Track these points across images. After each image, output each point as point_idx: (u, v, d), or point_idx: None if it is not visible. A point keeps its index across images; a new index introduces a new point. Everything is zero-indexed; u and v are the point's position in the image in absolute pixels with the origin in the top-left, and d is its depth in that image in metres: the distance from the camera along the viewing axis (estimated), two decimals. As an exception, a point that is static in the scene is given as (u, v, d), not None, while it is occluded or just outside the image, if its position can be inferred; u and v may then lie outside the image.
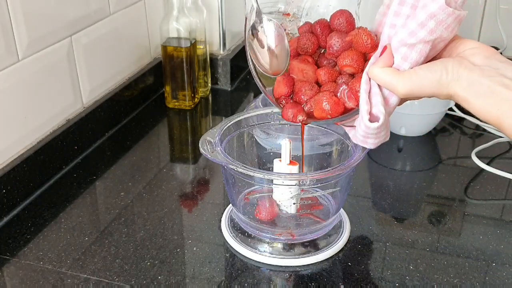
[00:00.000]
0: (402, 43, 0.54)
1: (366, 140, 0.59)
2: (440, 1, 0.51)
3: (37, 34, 0.86)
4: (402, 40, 0.53)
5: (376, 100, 0.57)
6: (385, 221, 0.83)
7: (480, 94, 0.51)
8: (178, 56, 1.11)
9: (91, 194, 0.89)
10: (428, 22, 0.52)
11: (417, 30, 0.52)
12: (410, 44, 0.53)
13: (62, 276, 0.71)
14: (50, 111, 0.91)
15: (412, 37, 0.53)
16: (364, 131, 0.58)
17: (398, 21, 0.54)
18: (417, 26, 0.52)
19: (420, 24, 0.52)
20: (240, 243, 0.76)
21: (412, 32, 0.53)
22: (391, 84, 0.54)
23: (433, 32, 0.52)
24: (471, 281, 0.70)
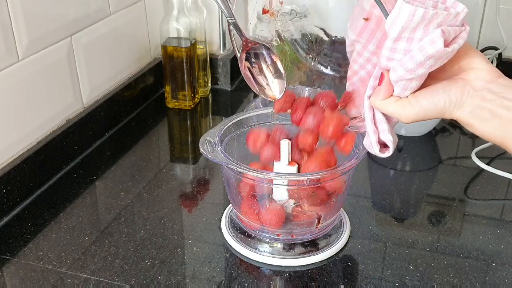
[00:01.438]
0: (401, 78, 0.54)
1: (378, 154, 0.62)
2: (438, 45, 0.51)
3: (37, 34, 0.86)
4: (401, 76, 0.54)
5: (382, 128, 0.59)
6: (385, 221, 0.83)
7: (482, 119, 0.52)
8: (178, 56, 1.11)
9: (91, 194, 0.89)
10: (426, 61, 0.52)
11: (416, 68, 0.53)
12: (410, 72, 0.53)
13: (62, 276, 0.71)
14: (50, 111, 0.91)
15: (411, 74, 0.53)
16: (375, 153, 0.61)
17: (395, 56, 0.54)
18: (416, 65, 0.52)
19: (419, 64, 0.52)
20: (240, 243, 0.76)
21: (410, 70, 0.53)
22: (395, 114, 0.56)
23: (433, 66, 0.53)
24: (471, 281, 0.70)
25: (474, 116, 0.52)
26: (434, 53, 0.51)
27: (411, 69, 0.52)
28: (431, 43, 0.51)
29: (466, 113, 0.53)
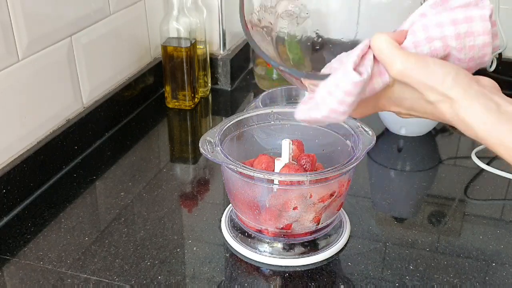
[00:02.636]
0: (423, 28, 0.49)
1: (322, 103, 0.51)
2: (484, 10, 0.48)
3: (37, 34, 0.86)
4: (426, 26, 0.49)
5: (367, 62, 0.51)
6: (385, 221, 0.83)
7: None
8: (178, 56, 1.11)
9: (91, 194, 0.89)
10: (461, 23, 0.48)
11: (446, 24, 0.48)
12: (429, 36, 0.49)
13: (62, 276, 0.71)
14: (50, 111, 0.91)
15: (437, 29, 0.49)
16: (333, 84, 0.49)
17: (431, 11, 0.50)
18: (449, 21, 0.48)
19: (453, 21, 0.48)
20: (240, 243, 0.76)
21: (440, 24, 0.48)
22: (389, 56, 0.48)
23: (459, 38, 0.49)
24: (471, 281, 0.70)
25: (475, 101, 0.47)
26: (475, 15, 0.48)
27: (441, 22, 0.48)
28: (477, 5, 0.48)
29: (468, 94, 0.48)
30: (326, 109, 0.50)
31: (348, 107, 0.49)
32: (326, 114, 0.50)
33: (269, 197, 0.71)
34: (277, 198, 0.71)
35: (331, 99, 0.49)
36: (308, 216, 0.72)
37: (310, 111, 0.51)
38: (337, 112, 0.50)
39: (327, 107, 0.50)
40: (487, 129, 0.48)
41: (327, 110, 0.50)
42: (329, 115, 0.50)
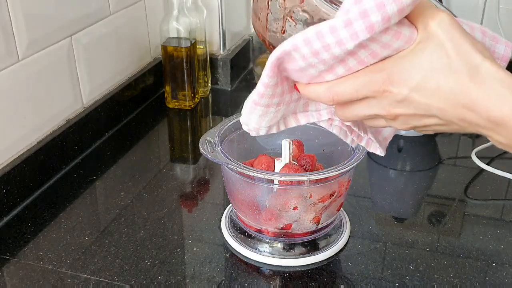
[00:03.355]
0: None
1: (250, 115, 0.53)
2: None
3: (37, 34, 0.86)
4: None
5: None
6: (385, 221, 0.83)
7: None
8: (178, 56, 1.11)
9: (91, 194, 0.89)
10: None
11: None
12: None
13: (62, 276, 0.71)
14: (50, 111, 0.91)
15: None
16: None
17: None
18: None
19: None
20: (240, 243, 0.76)
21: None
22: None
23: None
24: (471, 281, 0.70)
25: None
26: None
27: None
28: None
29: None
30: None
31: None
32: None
33: (269, 197, 0.71)
34: (277, 198, 0.71)
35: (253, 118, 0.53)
36: (308, 216, 0.72)
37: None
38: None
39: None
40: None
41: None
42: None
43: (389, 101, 0.46)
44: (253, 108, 0.52)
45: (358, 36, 0.43)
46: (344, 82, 0.47)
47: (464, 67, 0.43)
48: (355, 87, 0.47)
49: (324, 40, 0.44)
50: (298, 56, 0.46)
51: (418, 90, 0.44)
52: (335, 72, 0.47)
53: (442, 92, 0.44)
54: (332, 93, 0.48)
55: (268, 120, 0.53)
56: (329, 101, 0.48)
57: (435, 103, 0.44)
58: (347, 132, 0.57)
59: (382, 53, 0.45)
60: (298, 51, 0.45)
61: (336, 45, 0.44)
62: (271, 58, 0.47)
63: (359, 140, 0.58)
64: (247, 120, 0.54)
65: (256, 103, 0.51)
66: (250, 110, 0.52)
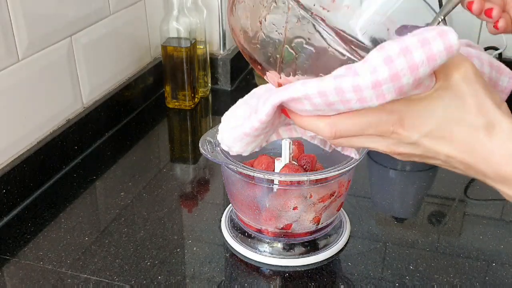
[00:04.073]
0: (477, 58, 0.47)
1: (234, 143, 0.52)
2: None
3: (37, 34, 0.86)
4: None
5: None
6: (385, 221, 0.83)
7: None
8: (178, 56, 1.11)
9: (91, 194, 0.89)
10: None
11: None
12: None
13: (62, 276, 0.71)
14: (50, 111, 0.91)
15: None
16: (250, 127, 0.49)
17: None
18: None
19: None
20: (240, 243, 0.76)
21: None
22: (460, 55, 0.43)
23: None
24: (471, 281, 0.70)
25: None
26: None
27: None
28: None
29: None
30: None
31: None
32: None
33: (269, 197, 0.71)
34: (277, 198, 0.71)
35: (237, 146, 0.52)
36: (308, 216, 0.72)
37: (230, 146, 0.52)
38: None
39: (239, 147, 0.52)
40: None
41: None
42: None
43: (396, 142, 0.45)
44: (241, 138, 0.50)
45: (385, 97, 0.40)
46: (349, 119, 0.44)
47: (483, 124, 0.42)
48: (362, 126, 0.44)
49: (344, 96, 0.41)
50: (307, 103, 0.43)
51: (430, 137, 0.43)
52: (337, 109, 0.44)
53: (455, 142, 0.43)
54: (335, 130, 0.45)
55: (254, 145, 0.52)
56: (330, 136, 0.45)
57: (445, 151, 0.43)
58: (327, 142, 0.56)
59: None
60: (309, 100, 0.42)
61: (357, 102, 0.41)
62: (274, 99, 0.44)
63: (336, 146, 0.57)
64: (231, 145, 0.51)
65: (247, 135, 0.49)
66: (238, 139, 0.50)
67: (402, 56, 0.39)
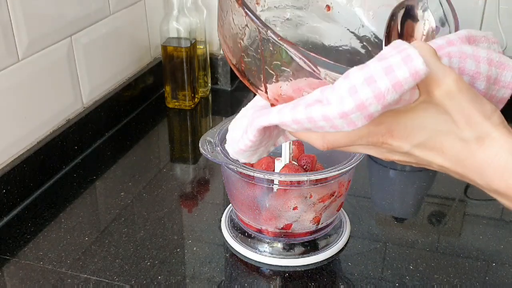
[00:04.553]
0: (460, 55, 0.45)
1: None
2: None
3: (37, 34, 0.86)
4: (463, 53, 0.45)
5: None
6: (385, 221, 0.83)
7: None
8: (178, 56, 1.11)
9: (91, 194, 0.89)
10: (495, 67, 0.45)
11: (482, 61, 0.45)
12: (462, 67, 0.44)
13: (62, 276, 0.71)
14: (50, 111, 0.91)
15: (473, 62, 0.44)
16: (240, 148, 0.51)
17: (459, 42, 0.46)
18: (486, 59, 0.44)
19: (489, 60, 0.44)
20: (240, 243, 0.76)
21: (477, 58, 0.45)
22: (439, 69, 0.41)
23: (489, 81, 0.45)
24: (471, 281, 0.70)
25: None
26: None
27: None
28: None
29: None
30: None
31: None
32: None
33: (269, 197, 0.71)
34: (277, 198, 0.71)
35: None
36: (308, 216, 0.72)
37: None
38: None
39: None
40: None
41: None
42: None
43: (388, 151, 0.45)
44: (241, 152, 0.50)
45: (356, 124, 0.40)
46: (339, 132, 0.44)
47: (473, 136, 0.41)
48: (352, 138, 0.44)
49: (316, 124, 0.41)
50: (288, 127, 0.44)
51: (421, 148, 0.43)
52: None
53: (447, 154, 0.42)
54: (326, 142, 0.45)
55: (258, 156, 0.52)
56: (321, 147, 0.45)
57: (438, 161, 0.43)
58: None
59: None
60: (287, 127, 0.43)
61: (330, 128, 0.41)
62: (256, 124, 0.45)
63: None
64: (236, 156, 0.52)
65: (244, 150, 0.50)
66: (239, 152, 0.51)
67: (366, 85, 0.38)
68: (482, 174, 0.42)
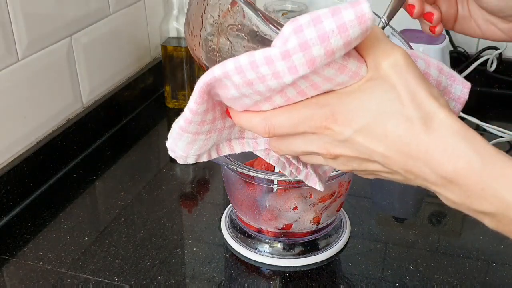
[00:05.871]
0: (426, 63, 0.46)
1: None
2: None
3: (36, 34, 0.86)
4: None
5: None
6: (385, 221, 0.83)
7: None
8: (178, 56, 1.11)
9: (91, 194, 0.89)
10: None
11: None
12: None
13: (62, 276, 0.71)
14: (50, 111, 0.91)
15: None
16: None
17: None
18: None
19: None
20: (240, 243, 0.76)
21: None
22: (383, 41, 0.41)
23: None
24: (471, 281, 0.70)
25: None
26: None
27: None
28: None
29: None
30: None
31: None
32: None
33: (269, 197, 0.71)
34: (277, 198, 0.71)
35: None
36: (308, 216, 0.72)
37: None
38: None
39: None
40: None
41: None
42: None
43: (330, 140, 0.42)
44: (179, 135, 0.47)
45: (297, 70, 0.38)
46: (282, 113, 0.43)
47: (418, 116, 0.39)
48: (294, 121, 0.42)
49: (258, 71, 0.39)
50: (229, 84, 0.41)
51: (363, 133, 0.40)
52: (272, 101, 0.42)
53: (389, 139, 0.39)
54: (268, 125, 0.43)
55: (197, 148, 0.49)
56: (265, 133, 0.44)
57: (380, 149, 0.40)
58: (285, 163, 0.53)
59: (324, 85, 0.41)
60: (229, 79, 0.40)
61: (272, 77, 0.39)
62: (199, 83, 0.42)
63: (298, 173, 0.54)
64: (173, 147, 0.49)
65: (183, 129, 0.47)
66: (177, 136, 0.48)
67: (312, 25, 0.37)
68: (429, 160, 0.39)
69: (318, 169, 0.54)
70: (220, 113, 0.47)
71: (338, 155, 0.43)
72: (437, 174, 0.39)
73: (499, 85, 1.19)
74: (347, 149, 0.42)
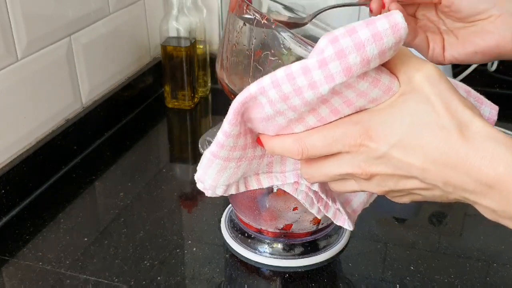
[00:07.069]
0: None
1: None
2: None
3: (36, 34, 0.86)
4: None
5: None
6: (386, 221, 0.83)
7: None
8: (177, 56, 1.11)
9: (91, 194, 0.89)
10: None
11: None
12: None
13: (61, 276, 0.71)
14: (49, 111, 0.91)
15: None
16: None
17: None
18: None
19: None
20: (240, 243, 0.75)
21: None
22: (412, 57, 0.42)
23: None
24: (472, 282, 0.70)
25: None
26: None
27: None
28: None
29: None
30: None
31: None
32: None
33: (269, 198, 0.71)
34: (277, 198, 0.71)
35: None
36: (308, 216, 0.71)
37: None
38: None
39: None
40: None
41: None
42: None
43: (365, 158, 0.42)
44: (210, 162, 0.47)
45: (333, 78, 0.38)
46: (316, 133, 0.42)
47: (454, 125, 0.39)
48: (328, 140, 0.42)
49: (295, 83, 0.39)
50: (265, 101, 0.41)
51: (399, 147, 0.40)
52: (305, 122, 0.42)
53: (427, 151, 0.39)
54: (302, 145, 0.43)
55: (226, 177, 0.48)
56: (298, 154, 0.43)
57: (418, 162, 0.40)
58: (313, 199, 0.53)
59: (357, 102, 0.41)
60: (265, 94, 0.41)
61: (308, 88, 0.39)
62: (234, 104, 0.43)
63: (326, 210, 0.53)
64: (203, 176, 0.49)
65: (215, 155, 0.46)
66: (207, 163, 0.47)
67: (347, 35, 0.38)
68: (468, 168, 0.38)
69: (347, 207, 0.54)
70: (251, 141, 0.47)
71: (374, 173, 0.42)
72: (478, 181, 0.39)
73: (500, 85, 1.18)
74: (384, 166, 0.42)
